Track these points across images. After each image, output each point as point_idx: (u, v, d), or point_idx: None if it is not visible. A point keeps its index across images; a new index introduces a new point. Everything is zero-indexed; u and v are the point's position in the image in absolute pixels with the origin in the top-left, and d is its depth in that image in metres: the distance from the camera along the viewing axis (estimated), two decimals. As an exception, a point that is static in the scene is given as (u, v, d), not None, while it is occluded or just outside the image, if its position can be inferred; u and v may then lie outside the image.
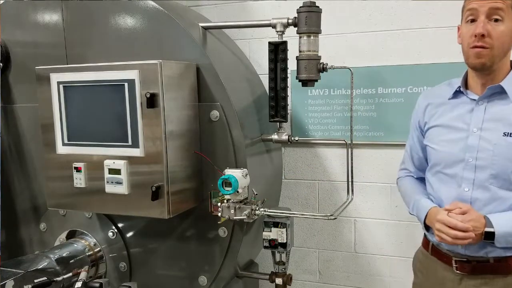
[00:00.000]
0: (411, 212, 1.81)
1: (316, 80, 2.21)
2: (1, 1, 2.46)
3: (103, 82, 2.03)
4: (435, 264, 1.71)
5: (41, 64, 2.20)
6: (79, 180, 2.13)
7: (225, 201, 2.10)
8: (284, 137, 2.35)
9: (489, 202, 1.56)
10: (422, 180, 1.85)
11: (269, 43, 2.18)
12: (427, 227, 1.69)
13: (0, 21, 2.41)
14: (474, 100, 1.61)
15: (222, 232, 2.23)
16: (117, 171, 2.05)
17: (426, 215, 1.66)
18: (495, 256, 1.56)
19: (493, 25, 1.48)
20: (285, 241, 2.21)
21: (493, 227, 1.49)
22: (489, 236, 1.49)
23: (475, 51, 1.51)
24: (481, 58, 1.51)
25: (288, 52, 2.17)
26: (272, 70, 2.19)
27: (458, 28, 1.65)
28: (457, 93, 1.66)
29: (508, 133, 1.53)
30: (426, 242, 1.78)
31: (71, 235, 2.51)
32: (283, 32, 2.19)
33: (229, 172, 2.07)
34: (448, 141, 1.64)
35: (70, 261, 2.28)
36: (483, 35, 1.48)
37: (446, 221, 1.52)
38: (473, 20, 1.52)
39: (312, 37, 2.14)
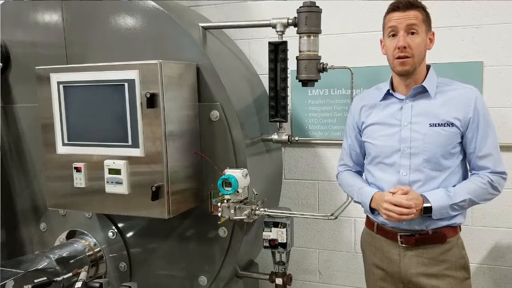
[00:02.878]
0: (356, 200, 2.02)
1: (316, 80, 2.21)
2: (1, 1, 2.46)
3: (103, 82, 2.03)
4: (381, 241, 1.95)
5: (41, 64, 2.20)
6: (79, 180, 2.14)
7: (225, 201, 2.10)
8: (284, 137, 2.35)
9: (424, 183, 1.83)
10: (358, 173, 2.11)
11: (269, 43, 2.18)
12: (372, 210, 1.92)
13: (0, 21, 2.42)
14: (402, 99, 1.87)
15: (222, 232, 2.23)
16: (117, 171, 2.05)
17: (372, 199, 1.89)
18: (433, 228, 1.84)
19: (411, 37, 1.76)
20: (285, 241, 2.21)
21: (430, 203, 1.77)
22: (427, 211, 1.77)
23: (400, 61, 1.78)
24: (405, 66, 1.78)
25: (288, 52, 2.17)
26: (272, 70, 2.19)
27: (381, 41, 1.91)
28: (386, 95, 1.92)
29: (433, 123, 1.80)
30: (370, 223, 2.01)
31: (71, 235, 2.51)
32: (283, 32, 2.19)
33: (229, 172, 2.07)
34: (384, 135, 1.89)
35: (70, 261, 2.28)
36: (404, 47, 1.75)
37: (392, 201, 1.77)
38: (394, 35, 1.79)
39: (312, 37, 2.14)
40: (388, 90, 1.90)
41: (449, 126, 1.80)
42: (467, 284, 1.90)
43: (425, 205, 1.77)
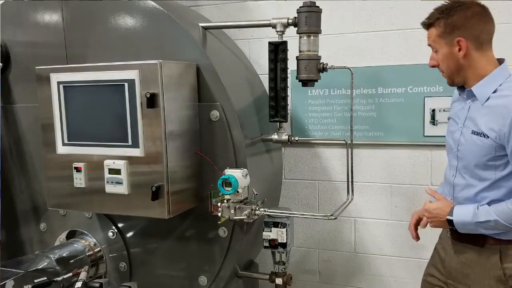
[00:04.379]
0: None
1: (316, 80, 2.21)
2: (1, 1, 2.46)
3: (103, 82, 2.03)
4: (445, 229, 1.96)
5: (41, 64, 2.20)
6: (79, 180, 2.13)
7: (225, 201, 2.10)
8: (284, 137, 2.35)
9: (463, 188, 1.81)
10: None
11: (269, 43, 2.18)
12: None
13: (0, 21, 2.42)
14: (465, 98, 1.83)
15: (222, 232, 2.23)
16: (117, 171, 2.05)
17: None
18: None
19: (436, 54, 1.79)
20: (285, 241, 2.21)
21: (452, 216, 1.76)
22: (451, 223, 1.77)
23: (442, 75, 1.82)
24: (447, 79, 1.82)
25: (288, 52, 2.17)
26: (272, 70, 2.19)
27: None
28: (459, 91, 1.89)
29: (474, 131, 1.74)
30: None
31: (71, 235, 2.51)
32: (283, 32, 2.19)
33: (229, 172, 2.07)
34: (450, 132, 1.91)
35: (70, 261, 2.28)
36: (434, 66, 1.81)
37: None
38: None
39: (312, 37, 2.14)
40: (457, 87, 1.86)
41: (484, 137, 1.69)
42: None
43: (448, 217, 1.77)
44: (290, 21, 2.16)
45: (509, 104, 1.63)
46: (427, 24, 1.78)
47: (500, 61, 1.77)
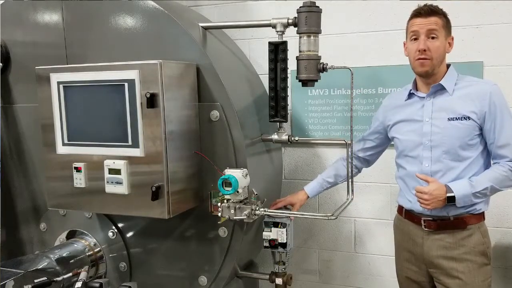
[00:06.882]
0: None
1: (316, 80, 2.21)
2: (1, 1, 2.46)
3: (103, 82, 2.03)
4: (408, 224, 2.14)
5: (41, 64, 2.20)
6: (79, 180, 2.13)
7: (225, 201, 2.10)
8: (284, 137, 2.35)
9: (445, 173, 1.99)
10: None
11: (269, 43, 2.18)
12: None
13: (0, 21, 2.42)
14: (423, 97, 2.05)
15: (222, 232, 2.23)
16: (117, 171, 2.05)
17: None
18: (454, 215, 1.99)
19: (431, 41, 1.94)
20: (285, 241, 2.21)
21: (453, 192, 1.91)
22: (451, 200, 1.91)
23: (420, 62, 1.95)
24: (424, 67, 1.96)
25: (288, 52, 2.17)
26: (272, 70, 2.19)
27: (404, 44, 2.07)
28: (410, 95, 2.11)
29: (451, 118, 1.96)
30: (400, 208, 2.21)
31: (71, 235, 2.51)
32: (283, 32, 2.19)
33: (229, 172, 2.07)
34: (409, 131, 2.08)
35: (70, 261, 2.28)
36: (424, 50, 1.93)
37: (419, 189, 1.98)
38: (416, 39, 1.97)
39: (312, 37, 2.14)
40: (410, 90, 2.09)
41: (466, 119, 1.94)
42: (486, 270, 2.02)
43: (448, 194, 1.91)
44: (290, 21, 2.16)
45: (483, 89, 1.95)
46: (431, 11, 1.94)
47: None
